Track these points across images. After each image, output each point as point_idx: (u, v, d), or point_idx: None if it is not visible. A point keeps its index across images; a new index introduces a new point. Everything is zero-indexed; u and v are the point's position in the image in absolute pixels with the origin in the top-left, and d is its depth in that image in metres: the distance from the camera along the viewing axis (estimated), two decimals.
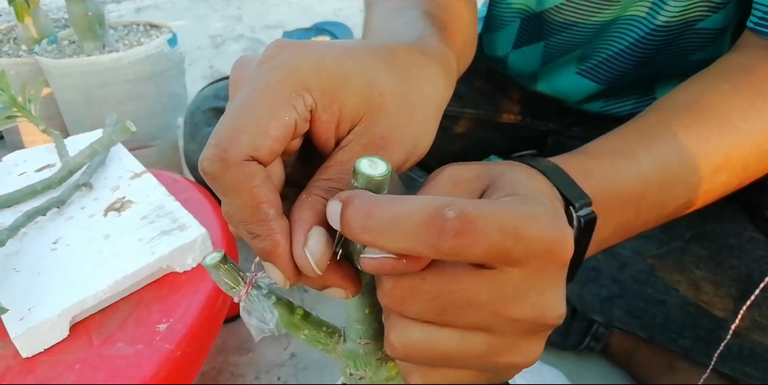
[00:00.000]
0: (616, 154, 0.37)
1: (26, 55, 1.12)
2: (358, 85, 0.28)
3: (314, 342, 0.30)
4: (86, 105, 1.05)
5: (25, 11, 1.11)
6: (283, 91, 0.26)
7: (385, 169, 0.24)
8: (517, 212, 0.23)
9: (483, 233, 0.22)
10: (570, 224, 0.31)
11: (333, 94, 0.27)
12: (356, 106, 0.28)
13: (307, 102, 0.26)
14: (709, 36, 0.59)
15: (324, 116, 0.27)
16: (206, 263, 0.28)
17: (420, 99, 0.31)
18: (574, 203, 0.32)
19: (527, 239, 0.23)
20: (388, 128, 0.29)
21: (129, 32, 1.16)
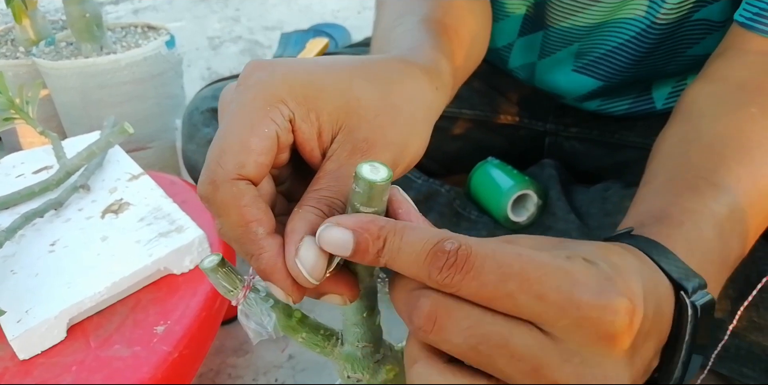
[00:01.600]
0: (699, 215, 0.34)
1: (24, 56, 1.12)
2: (332, 93, 0.29)
3: (312, 345, 0.30)
4: (84, 107, 1.05)
5: (23, 13, 1.11)
6: (258, 106, 0.27)
7: (387, 174, 0.24)
8: (537, 261, 0.23)
9: (478, 271, 0.22)
10: (679, 312, 0.28)
11: (308, 104, 0.28)
12: (333, 113, 0.29)
13: (284, 113, 0.27)
14: (706, 28, 0.59)
15: (304, 126, 0.28)
16: (204, 266, 0.28)
17: (402, 102, 0.31)
18: (686, 288, 0.28)
19: (540, 291, 0.22)
20: (369, 131, 0.29)
21: (127, 34, 1.16)
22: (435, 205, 0.74)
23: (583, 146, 0.80)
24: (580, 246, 0.27)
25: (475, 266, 0.22)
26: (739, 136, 0.39)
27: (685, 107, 0.45)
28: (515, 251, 0.23)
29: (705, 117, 0.42)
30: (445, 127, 0.82)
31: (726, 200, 0.35)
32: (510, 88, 0.82)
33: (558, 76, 0.72)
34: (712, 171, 0.37)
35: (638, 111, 0.73)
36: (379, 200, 0.24)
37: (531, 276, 0.22)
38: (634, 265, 0.27)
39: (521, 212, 0.74)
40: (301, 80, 0.28)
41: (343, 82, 0.30)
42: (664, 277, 0.28)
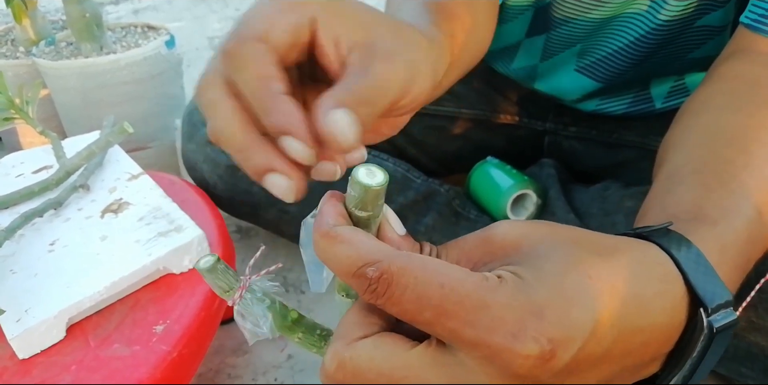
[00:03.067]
0: (733, 213, 0.33)
1: (24, 56, 1.12)
2: (353, 13, 0.30)
3: (308, 345, 0.30)
4: (84, 107, 1.05)
5: (23, 13, 1.11)
6: (290, 4, 0.29)
7: (383, 178, 0.24)
8: (459, 291, 0.23)
9: (397, 300, 0.23)
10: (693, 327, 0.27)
11: (331, 10, 0.29)
12: (352, 29, 0.30)
13: (306, 10, 0.29)
14: (708, 33, 0.59)
15: (325, 28, 0.29)
16: (200, 266, 0.28)
17: (407, 44, 0.32)
18: (708, 304, 0.27)
19: (454, 326, 0.22)
20: (387, 47, 0.30)
21: (127, 34, 1.16)
22: (434, 204, 0.74)
23: (582, 146, 0.80)
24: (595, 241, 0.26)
25: (395, 295, 0.23)
26: (761, 132, 0.39)
27: (701, 103, 0.44)
28: (439, 280, 0.23)
29: (725, 110, 0.41)
30: (445, 126, 0.82)
31: (754, 201, 0.34)
32: (509, 88, 0.82)
33: (560, 77, 0.72)
34: (741, 168, 0.36)
35: (637, 110, 0.73)
36: (374, 204, 0.24)
37: (448, 309, 0.22)
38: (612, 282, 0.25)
39: (520, 211, 0.74)
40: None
41: (362, 11, 0.31)
42: (682, 287, 0.27)
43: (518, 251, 0.26)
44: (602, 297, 0.24)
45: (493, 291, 0.23)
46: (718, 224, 0.31)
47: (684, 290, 0.27)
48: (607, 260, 0.25)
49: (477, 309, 0.22)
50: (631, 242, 0.28)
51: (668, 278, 0.27)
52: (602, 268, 0.25)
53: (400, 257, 0.24)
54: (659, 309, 0.26)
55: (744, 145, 0.37)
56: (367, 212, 0.24)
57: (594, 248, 0.26)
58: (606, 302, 0.24)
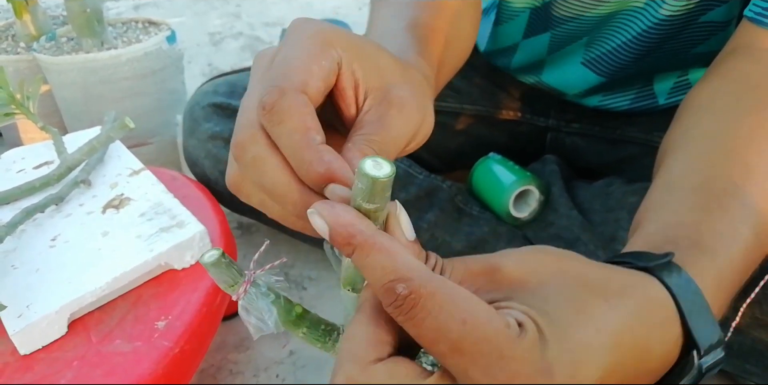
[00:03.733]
0: (730, 239, 0.33)
1: (24, 52, 1.12)
2: (370, 54, 0.32)
3: (312, 340, 0.30)
4: (84, 102, 1.05)
5: (24, 8, 1.11)
6: (317, 43, 0.30)
7: (390, 170, 0.23)
8: (477, 337, 0.23)
9: (420, 322, 0.23)
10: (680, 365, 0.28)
11: (353, 54, 0.31)
12: (369, 71, 0.31)
13: (335, 55, 0.30)
14: (712, 29, 0.59)
15: (347, 72, 0.30)
16: (204, 260, 0.28)
17: (414, 81, 0.34)
18: (700, 346, 0.27)
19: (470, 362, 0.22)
20: (402, 92, 0.31)
21: (127, 29, 1.16)
22: (437, 201, 0.74)
23: (585, 142, 0.79)
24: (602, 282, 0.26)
25: (417, 317, 0.23)
26: (761, 143, 0.38)
27: (702, 103, 0.44)
28: (463, 316, 0.23)
29: (726, 115, 0.41)
30: (447, 123, 0.82)
31: (752, 222, 0.34)
32: (512, 84, 0.81)
33: (566, 69, 0.72)
34: (741, 186, 0.36)
35: (640, 106, 0.73)
36: (381, 196, 0.24)
37: (464, 348, 0.22)
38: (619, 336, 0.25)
39: (523, 207, 0.74)
40: (347, 35, 0.31)
41: (374, 50, 0.33)
42: (679, 329, 0.27)
43: (524, 288, 0.26)
44: (609, 354, 0.24)
45: (512, 343, 0.23)
46: (718, 255, 0.32)
47: (680, 331, 0.27)
48: (615, 308, 0.25)
49: (492, 357, 0.22)
50: (636, 282, 0.28)
51: (668, 321, 0.27)
52: (610, 319, 0.25)
53: (433, 281, 0.24)
54: (657, 355, 0.27)
55: (744, 158, 0.37)
56: (375, 204, 0.24)
57: (601, 291, 0.26)
58: (612, 357, 0.24)
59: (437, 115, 0.85)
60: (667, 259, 0.29)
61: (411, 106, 0.31)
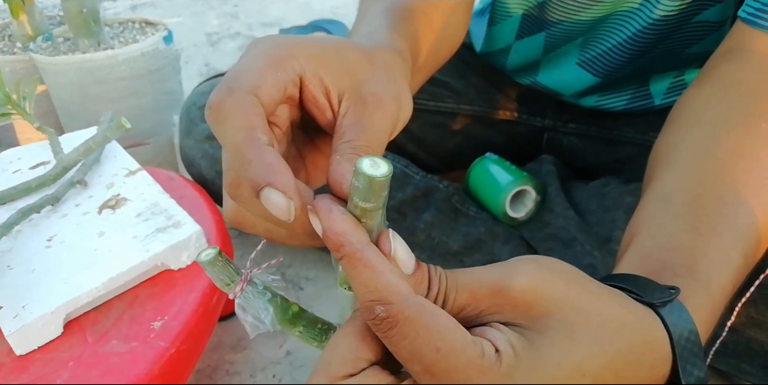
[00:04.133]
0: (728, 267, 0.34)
1: (21, 52, 1.12)
2: (333, 57, 0.31)
3: (309, 339, 0.30)
4: (81, 102, 1.04)
5: (20, 8, 1.11)
6: (273, 56, 0.29)
7: (387, 169, 0.23)
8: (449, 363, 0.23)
9: (399, 342, 0.24)
10: None
11: (315, 63, 0.30)
12: (336, 74, 0.31)
13: (295, 66, 0.30)
14: (706, 29, 0.59)
15: (314, 81, 0.30)
16: (201, 259, 0.28)
17: (384, 68, 0.34)
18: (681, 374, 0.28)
19: None
20: (372, 87, 0.31)
21: (124, 29, 1.16)
22: (433, 201, 0.74)
23: (581, 142, 0.79)
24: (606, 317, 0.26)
25: (394, 339, 0.24)
26: (753, 157, 0.39)
27: (693, 112, 0.44)
28: (437, 344, 0.23)
29: (717, 127, 0.41)
30: (444, 123, 0.82)
31: (741, 245, 0.35)
32: (508, 85, 0.81)
33: (562, 69, 0.72)
34: (729, 203, 0.36)
35: (636, 107, 0.73)
36: (378, 195, 0.24)
37: (435, 373, 0.23)
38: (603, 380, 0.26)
39: (520, 208, 0.74)
40: (307, 43, 0.31)
41: (338, 49, 0.32)
42: (668, 370, 0.28)
43: (527, 315, 0.26)
44: None
45: (482, 373, 0.24)
46: (712, 284, 0.33)
47: (668, 371, 0.28)
48: (607, 351, 0.26)
49: (462, 379, 0.23)
50: (637, 323, 0.28)
51: (659, 362, 0.28)
52: (598, 362, 0.25)
53: (413, 307, 0.24)
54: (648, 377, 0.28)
55: (733, 175, 0.38)
56: (371, 203, 0.24)
57: (600, 329, 0.26)
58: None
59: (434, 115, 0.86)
60: (671, 297, 0.29)
61: (386, 99, 0.31)
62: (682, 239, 0.35)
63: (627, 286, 0.30)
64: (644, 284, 0.31)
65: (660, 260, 0.34)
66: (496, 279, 0.26)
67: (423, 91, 0.80)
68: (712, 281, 0.33)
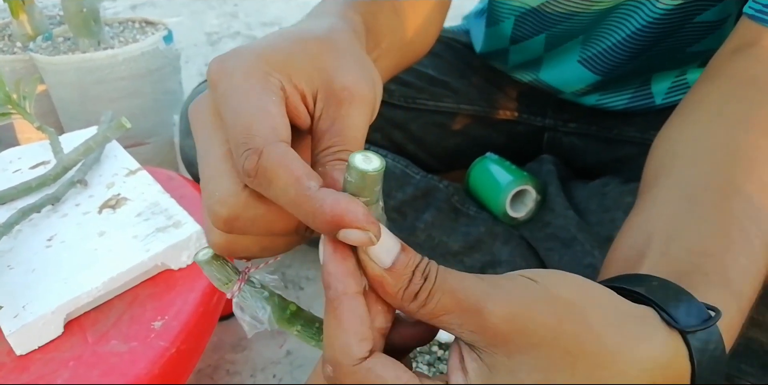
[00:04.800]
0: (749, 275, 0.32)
1: (21, 52, 1.12)
2: (300, 58, 0.30)
3: (306, 338, 0.30)
4: (81, 102, 1.04)
5: (20, 8, 1.11)
6: (253, 81, 0.28)
7: (379, 164, 0.24)
8: None
9: None
10: None
11: (287, 71, 0.29)
12: (307, 75, 0.29)
13: (275, 82, 0.28)
14: (706, 28, 0.59)
15: (291, 91, 0.29)
16: (198, 258, 0.28)
17: (349, 54, 0.32)
18: None
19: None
20: (343, 81, 0.29)
21: (124, 29, 1.16)
22: (433, 201, 0.74)
23: (581, 142, 0.79)
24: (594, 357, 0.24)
25: None
26: (756, 153, 0.38)
27: (713, 105, 0.44)
28: None
29: (739, 124, 0.41)
30: (444, 122, 0.82)
31: (748, 252, 0.33)
32: (508, 84, 0.81)
33: (563, 67, 0.72)
34: (757, 206, 0.35)
35: (637, 106, 0.73)
36: (371, 190, 0.24)
37: None
38: None
39: (520, 207, 0.74)
40: (272, 53, 0.29)
41: (301, 46, 0.30)
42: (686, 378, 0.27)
43: (506, 347, 0.24)
44: None
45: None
46: (743, 296, 0.31)
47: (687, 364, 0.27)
48: None
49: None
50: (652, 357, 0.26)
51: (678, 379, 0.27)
52: None
53: (357, 373, 0.24)
54: None
55: (760, 174, 0.37)
56: (364, 197, 0.24)
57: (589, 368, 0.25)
58: None
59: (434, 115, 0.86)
60: (710, 324, 0.27)
61: (358, 88, 0.29)
62: (713, 243, 0.33)
63: (653, 298, 0.28)
64: (677, 297, 0.28)
65: (691, 264, 0.32)
66: (478, 297, 0.24)
67: (423, 90, 0.80)
68: (744, 293, 0.31)
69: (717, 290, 0.30)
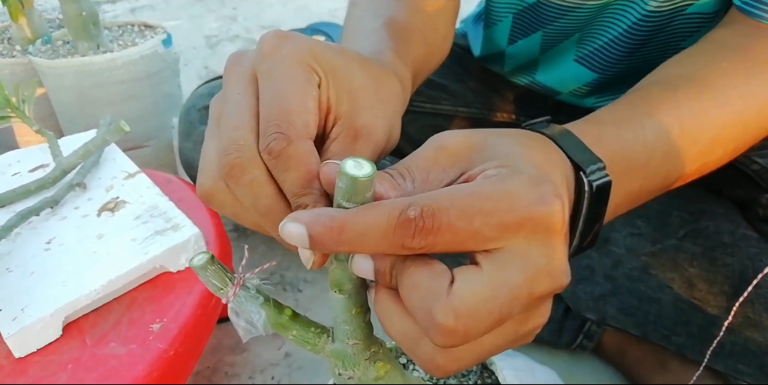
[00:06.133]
0: (624, 121, 0.38)
1: (20, 55, 1.12)
2: (344, 75, 0.32)
3: (303, 342, 0.30)
4: (80, 105, 1.05)
5: (19, 11, 1.11)
6: (300, 72, 0.30)
7: (370, 170, 0.24)
8: (485, 193, 0.25)
9: (447, 224, 0.24)
10: (581, 190, 0.32)
11: (329, 78, 0.31)
12: (342, 95, 0.31)
13: (316, 80, 0.30)
14: (699, 21, 0.59)
15: (323, 97, 0.31)
16: (194, 264, 0.28)
17: (387, 98, 0.34)
18: (585, 169, 0.32)
19: (500, 218, 0.24)
20: (368, 119, 0.32)
21: (123, 32, 1.16)
22: None
23: None
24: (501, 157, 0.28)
25: (444, 222, 0.24)
26: (698, 75, 0.42)
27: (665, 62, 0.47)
28: (466, 191, 0.25)
29: (677, 60, 0.45)
30: (441, 125, 0.82)
31: (661, 119, 0.38)
32: (506, 87, 0.82)
33: (560, 66, 0.72)
34: (657, 95, 0.41)
35: None
36: (361, 195, 0.24)
37: (488, 210, 0.24)
38: (549, 157, 0.30)
39: None
40: (324, 54, 0.31)
41: (352, 68, 0.32)
42: (568, 163, 0.32)
43: (482, 152, 0.28)
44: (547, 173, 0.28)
45: (507, 182, 0.25)
46: (601, 123, 0.37)
47: (567, 161, 0.32)
48: (536, 148, 0.30)
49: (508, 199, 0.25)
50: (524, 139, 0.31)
51: (559, 153, 0.32)
52: (536, 157, 0.29)
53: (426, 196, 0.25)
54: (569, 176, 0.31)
55: (688, 80, 0.42)
56: (356, 203, 0.24)
57: (523, 141, 0.30)
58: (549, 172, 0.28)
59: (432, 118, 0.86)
60: (544, 119, 0.35)
61: (377, 134, 0.32)
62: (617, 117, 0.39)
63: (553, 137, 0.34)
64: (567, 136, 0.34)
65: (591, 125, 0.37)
66: (427, 153, 0.30)
67: (420, 93, 0.80)
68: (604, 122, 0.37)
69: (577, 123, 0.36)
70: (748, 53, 0.44)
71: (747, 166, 0.57)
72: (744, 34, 0.46)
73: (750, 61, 0.43)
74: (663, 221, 0.63)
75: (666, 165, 0.39)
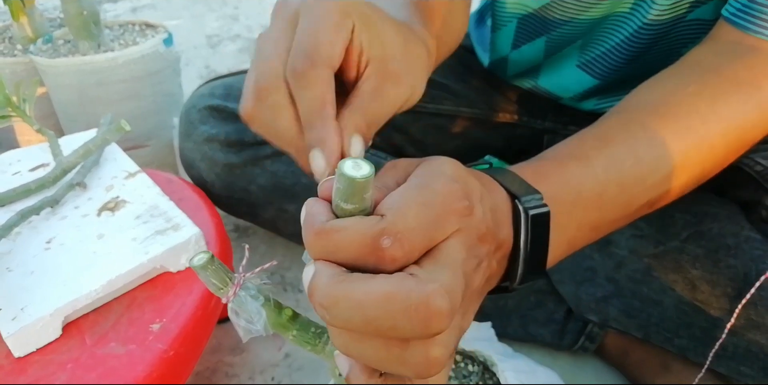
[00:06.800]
0: (570, 157, 0.40)
1: (21, 54, 1.12)
2: (377, 24, 0.34)
3: (302, 343, 0.30)
4: (81, 104, 1.05)
5: (21, 10, 1.11)
6: (336, 12, 0.32)
7: (368, 171, 0.23)
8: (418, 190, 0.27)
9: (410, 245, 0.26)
10: (518, 219, 0.34)
11: (363, 23, 0.33)
12: (374, 41, 0.34)
13: (349, 26, 0.33)
14: (699, 28, 0.59)
15: (356, 40, 0.33)
16: (194, 264, 0.28)
17: (414, 56, 0.37)
18: (520, 197, 0.34)
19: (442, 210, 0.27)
20: (397, 67, 0.34)
21: (125, 32, 1.16)
22: None
23: None
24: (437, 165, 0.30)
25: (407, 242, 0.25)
26: (660, 102, 0.44)
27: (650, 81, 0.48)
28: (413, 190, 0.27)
29: (647, 86, 0.47)
30: (444, 125, 0.82)
31: (612, 152, 0.40)
32: (508, 87, 0.81)
33: (562, 72, 0.72)
34: (612, 127, 0.43)
35: None
36: (359, 197, 0.24)
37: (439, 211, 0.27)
38: (483, 182, 0.33)
39: None
40: (362, 8, 0.34)
41: (383, 19, 0.35)
42: (504, 191, 0.35)
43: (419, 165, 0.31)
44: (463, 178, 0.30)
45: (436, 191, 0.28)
46: (546, 159, 0.40)
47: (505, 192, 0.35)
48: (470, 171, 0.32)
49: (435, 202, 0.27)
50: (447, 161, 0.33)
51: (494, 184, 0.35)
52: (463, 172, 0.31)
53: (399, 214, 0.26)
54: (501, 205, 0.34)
55: (649, 109, 0.44)
56: (354, 204, 0.24)
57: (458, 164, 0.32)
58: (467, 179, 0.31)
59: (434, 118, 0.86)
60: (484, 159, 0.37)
61: (405, 80, 0.34)
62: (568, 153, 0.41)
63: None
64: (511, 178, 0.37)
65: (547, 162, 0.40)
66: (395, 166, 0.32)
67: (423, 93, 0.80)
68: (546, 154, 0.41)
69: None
70: (720, 75, 0.44)
71: (751, 168, 0.57)
72: (721, 53, 0.46)
73: (720, 84, 0.44)
74: (666, 222, 0.63)
75: (624, 195, 0.40)
